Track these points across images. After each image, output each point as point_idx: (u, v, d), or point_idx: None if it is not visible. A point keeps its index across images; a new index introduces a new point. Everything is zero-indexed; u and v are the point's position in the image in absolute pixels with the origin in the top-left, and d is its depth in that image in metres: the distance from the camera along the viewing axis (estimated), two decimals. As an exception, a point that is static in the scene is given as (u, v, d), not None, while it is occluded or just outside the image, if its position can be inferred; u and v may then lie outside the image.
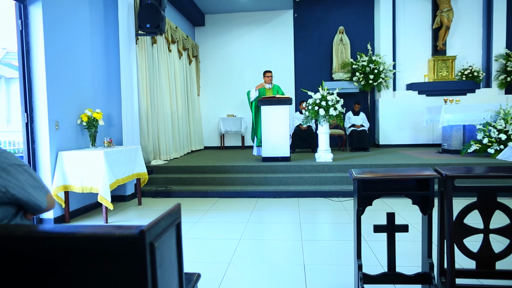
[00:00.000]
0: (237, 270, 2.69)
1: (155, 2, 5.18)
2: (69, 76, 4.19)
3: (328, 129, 6.04)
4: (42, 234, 1.05)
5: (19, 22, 3.77)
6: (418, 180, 2.00)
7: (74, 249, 1.04)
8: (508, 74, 8.48)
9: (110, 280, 1.02)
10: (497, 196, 1.93)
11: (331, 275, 2.52)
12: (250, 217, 4.16)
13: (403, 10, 8.97)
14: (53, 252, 1.02)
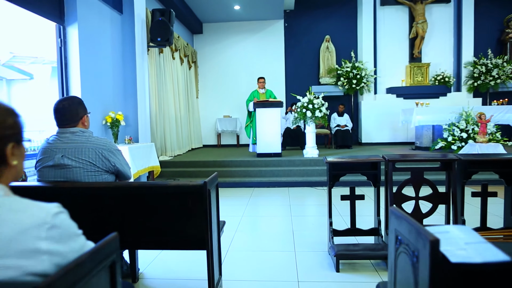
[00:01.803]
0: (242, 235, 3.55)
1: (165, 19, 6.00)
2: (96, 84, 4.99)
3: (315, 129, 6.93)
4: (150, 185, 1.92)
5: (58, 41, 4.56)
6: (371, 163, 2.89)
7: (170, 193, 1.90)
8: (475, 80, 9.50)
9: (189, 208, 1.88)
10: (423, 174, 2.83)
11: (312, 237, 3.40)
12: (249, 202, 5.03)
13: (383, 21, 9.92)
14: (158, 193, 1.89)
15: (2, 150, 0.86)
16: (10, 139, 0.87)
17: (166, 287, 2.45)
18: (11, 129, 0.87)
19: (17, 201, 0.84)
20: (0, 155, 0.85)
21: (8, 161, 0.87)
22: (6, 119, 0.86)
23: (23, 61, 11.10)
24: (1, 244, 0.78)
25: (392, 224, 1.20)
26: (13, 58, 13.53)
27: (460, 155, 2.78)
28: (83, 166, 2.00)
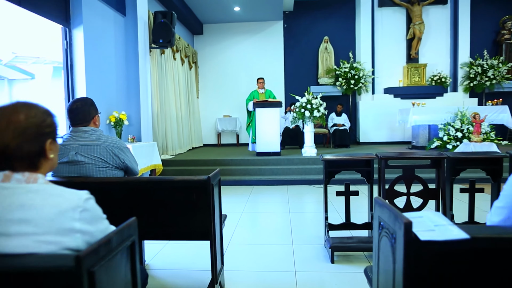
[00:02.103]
0: (242, 229, 3.71)
1: (167, 20, 6.15)
2: (100, 84, 5.14)
3: (313, 128, 7.08)
4: (158, 179, 2.07)
5: (64, 43, 4.71)
6: (365, 161, 3.05)
7: (176, 187, 2.04)
8: (471, 80, 9.65)
9: (194, 201, 2.03)
10: (414, 171, 2.98)
11: (309, 231, 3.56)
12: (248, 199, 5.18)
13: (381, 23, 10.08)
14: (165, 188, 2.03)
15: (42, 145, 1.01)
16: (48, 136, 1.02)
17: (171, 277, 2.60)
18: (49, 127, 1.02)
19: (55, 188, 1.00)
20: (40, 149, 1.01)
21: (46, 155, 1.03)
22: (46, 119, 1.02)
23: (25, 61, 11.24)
24: (44, 223, 0.93)
25: (376, 212, 1.35)
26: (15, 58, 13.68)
27: (449, 153, 2.94)
28: (95, 163, 2.15)
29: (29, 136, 0.97)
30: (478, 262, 1.03)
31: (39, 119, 0.99)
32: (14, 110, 0.96)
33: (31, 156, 0.99)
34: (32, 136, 0.97)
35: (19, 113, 0.96)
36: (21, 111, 0.97)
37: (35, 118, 0.98)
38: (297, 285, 2.41)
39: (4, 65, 13.25)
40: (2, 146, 0.94)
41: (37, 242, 0.92)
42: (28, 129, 0.96)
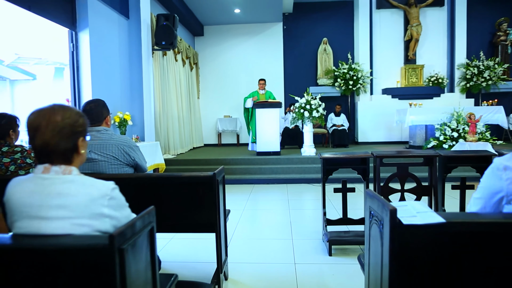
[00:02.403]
0: (243, 225, 3.86)
1: (169, 23, 6.30)
2: (105, 85, 5.29)
3: (312, 128, 7.24)
4: (166, 176, 2.22)
5: (71, 45, 4.86)
6: (361, 159, 3.20)
7: (184, 182, 2.19)
8: (467, 81, 9.81)
9: (200, 196, 2.18)
10: (408, 168, 3.14)
11: (308, 227, 3.71)
12: (249, 197, 5.33)
13: (379, 24, 10.23)
14: (173, 183, 2.18)
15: (75, 142, 1.16)
16: (80, 134, 1.18)
17: (177, 268, 2.75)
18: (81, 127, 1.18)
19: (86, 178, 1.15)
20: (74, 146, 1.16)
21: (79, 150, 1.18)
22: (78, 119, 1.17)
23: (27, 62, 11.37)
24: (78, 208, 1.08)
25: (367, 202, 1.51)
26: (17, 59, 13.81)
27: (441, 152, 3.09)
28: (108, 160, 2.30)
29: (65, 135, 1.12)
30: (453, 242, 1.18)
31: (72, 119, 1.14)
32: (52, 112, 1.11)
33: (66, 151, 1.14)
34: (67, 135, 1.12)
35: (57, 114, 1.11)
36: (58, 113, 1.12)
37: (70, 119, 1.13)
38: (297, 276, 2.56)
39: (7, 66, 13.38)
40: (43, 143, 1.09)
41: (73, 225, 1.07)
42: (64, 128, 1.11)
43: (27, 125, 1.12)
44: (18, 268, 1.03)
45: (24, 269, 1.02)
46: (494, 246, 1.16)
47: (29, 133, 1.11)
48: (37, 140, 1.09)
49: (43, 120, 1.10)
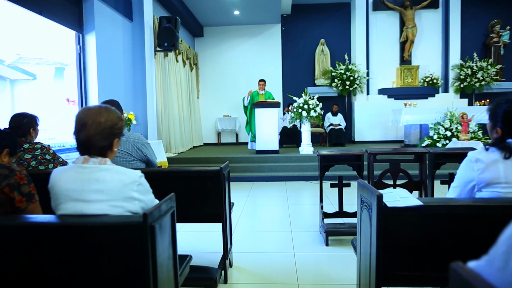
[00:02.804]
0: (245, 219, 4.06)
1: (172, 25, 6.49)
2: (110, 86, 5.47)
3: (310, 128, 7.45)
4: (177, 170, 2.43)
5: (77, 47, 5.04)
6: (356, 155, 3.41)
7: (193, 176, 2.39)
8: (461, 82, 10.05)
9: (207, 189, 2.37)
10: (400, 165, 3.35)
11: (306, 220, 3.92)
12: (249, 193, 5.54)
13: (375, 26, 10.45)
14: (183, 176, 2.38)
15: (111, 142, 1.36)
16: (117, 136, 1.38)
17: (185, 257, 2.94)
18: (118, 130, 1.38)
19: (118, 167, 1.35)
20: (109, 144, 1.36)
21: (112, 148, 1.38)
22: (118, 123, 1.37)
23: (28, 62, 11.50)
24: (113, 192, 1.28)
25: (359, 191, 1.72)
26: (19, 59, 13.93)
27: (430, 149, 3.30)
28: (122, 156, 2.49)
29: (104, 135, 1.32)
30: (429, 221, 1.39)
31: (113, 122, 1.34)
32: (98, 113, 1.31)
33: (103, 148, 1.34)
34: (106, 135, 1.32)
35: (101, 116, 1.31)
36: (103, 115, 1.32)
37: (111, 122, 1.33)
38: (296, 263, 2.77)
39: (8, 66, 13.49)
40: (86, 138, 1.29)
41: (109, 206, 1.28)
42: (105, 129, 1.32)
43: (75, 120, 1.31)
44: (64, 243, 1.23)
45: (69, 244, 1.22)
46: (464, 224, 1.37)
47: (76, 127, 1.31)
48: (82, 135, 1.29)
49: (89, 119, 1.30)
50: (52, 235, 1.22)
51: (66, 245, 1.21)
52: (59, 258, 1.22)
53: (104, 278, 1.22)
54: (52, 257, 1.22)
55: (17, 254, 1.21)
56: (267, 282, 2.47)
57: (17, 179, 1.50)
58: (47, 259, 1.21)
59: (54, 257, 1.22)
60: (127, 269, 1.21)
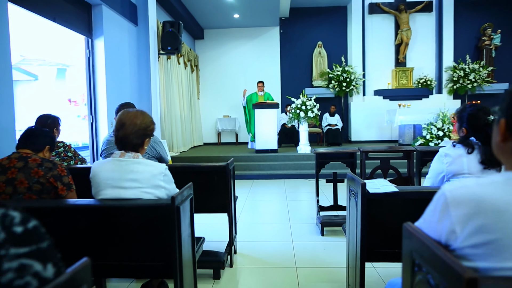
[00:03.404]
0: (246, 214, 4.34)
1: (175, 30, 6.77)
2: (117, 88, 5.74)
3: (307, 128, 7.74)
4: (188, 165, 2.70)
5: (87, 51, 5.31)
6: (349, 153, 3.70)
7: (202, 171, 2.67)
8: (454, 83, 10.36)
9: (215, 182, 2.65)
10: (390, 162, 3.64)
11: (304, 214, 4.21)
12: (250, 190, 5.82)
13: (371, 29, 10.76)
14: (194, 171, 2.67)
15: (143, 141, 1.65)
16: (148, 136, 1.66)
17: (193, 246, 3.23)
18: (150, 131, 1.66)
19: (148, 161, 1.63)
20: (141, 142, 1.64)
21: (143, 146, 1.66)
22: (150, 125, 1.65)
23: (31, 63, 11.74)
24: (145, 181, 1.57)
25: (348, 182, 2.00)
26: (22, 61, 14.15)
27: (417, 147, 3.59)
28: (138, 153, 2.77)
29: (138, 135, 1.60)
30: (404, 205, 1.68)
31: (146, 125, 1.63)
32: (135, 116, 1.60)
33: (136, 145, 1.62)
34: (140, 135, 1.61)
35: (138, 119, 1.60)
36: (139, 118, 1.60)
37: (145, 124, 1.62)
38: (294, 251, 3.05)
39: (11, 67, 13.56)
40: (124, 136, 1.58)
41: (142, 192, 1.56)
42: (140, 130, 1.60)
43: (117, 120, 1.60)
44: (105, 223, 1.51)
45: (110, 223, 1.51)
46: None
47: (116, 126, 1.60)
48: (120, 133, 1.58)
49: (128, 120, 1.58)
50: (97, 215, 1.50)
51: (106, 224, 1.50)
52: (103, 230, 1.50)
53: (139, 248, 1.50)
54: (97, 230, 1.51)
55: (69, 229, 1.49)
56: (269, 266, 2.76)
57: (59, 171, 1.78)
58: (94, 233, 1.50)
59: (99, 230, 1.50)
60: (158, 240, 1.50)
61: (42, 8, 4.15)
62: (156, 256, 1.53)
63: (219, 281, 2.51)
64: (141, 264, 1.56)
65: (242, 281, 2.54)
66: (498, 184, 0.78)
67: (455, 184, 0.85)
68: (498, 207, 0.75)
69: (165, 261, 1.52)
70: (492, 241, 0.75)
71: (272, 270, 2.68)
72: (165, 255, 1.51)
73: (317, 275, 2.58)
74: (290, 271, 2.64)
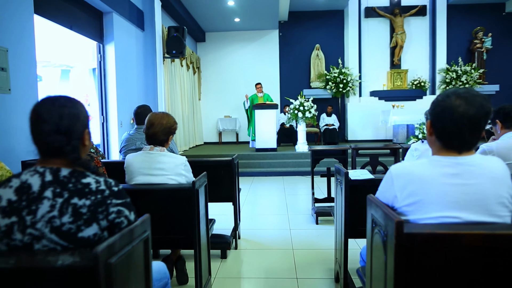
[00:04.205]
0: (247, 207, 4.72)
1: (179, 34, 7.14)
2: (125, 89, 6.11)
3: (305, 127, 8.12)
4: (198, 159, 3.07)
5: (98, 56, 5.68)
6: (341, 150, 4.08)
7: (210, 165, 3.04)
8: (447, 84, 10.76)
9: (221, 175, 3.02)
10: (378, 158, 4.02)
11: (301, 206, 4.59)
12: (251, 186, 6.20)
13: (367, 32, 11.15)
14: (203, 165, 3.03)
15: (168, 138, 2.02)
16: (172, 134, 2.04)
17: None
18: (174, 129, 2.04)
19: (172, 154, 2.01)
20: (166, 139, 2.02)
21: (168, 142, 2.04)
22: (174, 125, 2.03)
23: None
24: (170, 169, 1.95)
25: (336, 173, 2.38)
26: (28, 62, 14.43)
27: (403, 144, 3.98)
28: (154, 149, 3.14)
29: (164, 132, 1.98)
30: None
31: (170, 124, 2.01)
32: (162, 117, 1.97)
33: (162, 141, 2.00)
34: (165, 132, 1.99)
35: (164, 119, 1.97)
36: (165, 118, 1.98)
37: (170, 124, 2.00)
38: (291, 236, 3.43)
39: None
40: (152, 133, 1.95)
41: (167, 179, 1.94)
42: (166, 128, 1.98)
43: (147, 120, 1.97)
44: (137, 203, 1.88)
45: (141, 203, 1.88)
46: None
47: (146, 125, 1.97)
48: (150, 131, 1.96)
49: (156, 120, 1.96)
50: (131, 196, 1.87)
51: (140, 202, 1.87)
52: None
53: (165, 223, 1.88)
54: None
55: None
56: (269, 248, 3.14)
57: (95, 162, 2.16)
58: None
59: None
60: (181, 217, 1.88)
61: (62, 18, 4.53)
62: (179, 230, 1.90)
63: (226, 260, 2.89)
64: (166, 237, 1.93)
65: (246, 260, 2.93)
66: (424, 164, 1.17)
67: (398, 165, 1.23)
68: (422, 179, 1.13)
69: (187, 234, 1.90)
70: (418, 201, 1.13)
71: (272, 252, 3.06)
72: (187, 229, 1.89)
73: (310, 255, 2.96)
74: (287, 253, 3.02)
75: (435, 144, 1.22)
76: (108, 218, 1.00)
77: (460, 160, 1.14)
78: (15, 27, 3.47)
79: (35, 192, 0.95)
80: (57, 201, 0.95)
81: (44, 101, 1.03)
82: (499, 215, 1.10)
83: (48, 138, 0.99)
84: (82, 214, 0.95)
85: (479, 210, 1.10)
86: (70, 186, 0.98)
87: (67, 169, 1.02)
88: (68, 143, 1.01)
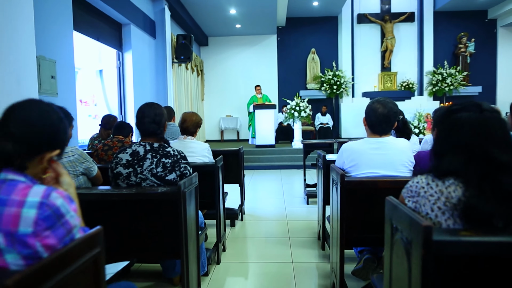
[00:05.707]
0: (250, 193, 5.51)
1: (187, 41, 7.93)
2: (140, 92, 6.89)
3: (301, 126, 8.91)
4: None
5: (118, 63, 6.46)
6: (328, 143, 4.87)
7: (218, 153, 3.84)
8: (434, 86, 11.56)
9: (229, 163, 3.83)
10: (359, 150, 4.81)
11: (295, 193, 5.38)
12: (251, 178, 6.99)
13: (360, 37, 11.94)
14: (214, 154, 3.82)
15: (195, 130, 2.81)
16: (199, 127, 2.84)
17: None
18: (200, 124, 2.84)
19: (200, 142, 2.80)
20: (195, 131, 2.81)
21: (195, 134, 2.83)
22: (200, 120, 2.82)
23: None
24: (199, 152, 2.74)
25: (317, 157, 3.18)
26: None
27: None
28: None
29: (194, 126, 2.76)
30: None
31: (198, 120, 2.79)
32: (192, 114, 2.76)
33: (192, 132, 2.78)
34: (194, 126, 2.77)
35: (193, 116, 2.76)
36: (194, 115, 2.76)
37: (197, 119, 2.78)
38: (286, 212, 4.22)
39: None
40: (186, 127, 2.74)
41: (196, 159, 2.73)
42: (194, 123, 2.76)
43: (181, 117, 2.75)
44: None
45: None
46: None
47: (181, 121, 2.75)
48: (184, 125, 2.74)
49: (188, 117, 2.74)
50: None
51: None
52: (174, 181, 2.68)
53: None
54: (171, 181, 2.68)
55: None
56: (268, 220, 3.93)
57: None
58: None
59: (172, 181, 2.68)
60: (205, 189, 2.67)
61: (92, 31, 5.31)
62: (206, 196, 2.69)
63: (235, 228, 3.69)
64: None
65: (250, 227, 3.72)
66: (360, 142, 1.96)
67: (347, 143, 2.02)
68: (358, 151, 1.93)
69: (212, 199, 2.68)
70: (355, 164, 1.92)
71: (271, 223, 3.86)
72: (211, 196, 2.67)
73: (301, 226, 3.75)
74: (282, 223, 3.81)
75: (367, 130, 2.01)
76: (180, 170, 1.79)
77: (380, 140, 1.93)
78: (61, 42, 4.25)
79: (141, 155, 1.74)
80: (154, 160, 1.74)
81: (145, 105, 1.82)
82: (401, 171, 1.90)
83: (148, 126, 1.78)
84: (167, 167, 1.75)
85: (390, 168, 1.89)
86: (160, 151, 1.77)
87: (157, 143, 1.81)
88: (158, 129, 1.80)
